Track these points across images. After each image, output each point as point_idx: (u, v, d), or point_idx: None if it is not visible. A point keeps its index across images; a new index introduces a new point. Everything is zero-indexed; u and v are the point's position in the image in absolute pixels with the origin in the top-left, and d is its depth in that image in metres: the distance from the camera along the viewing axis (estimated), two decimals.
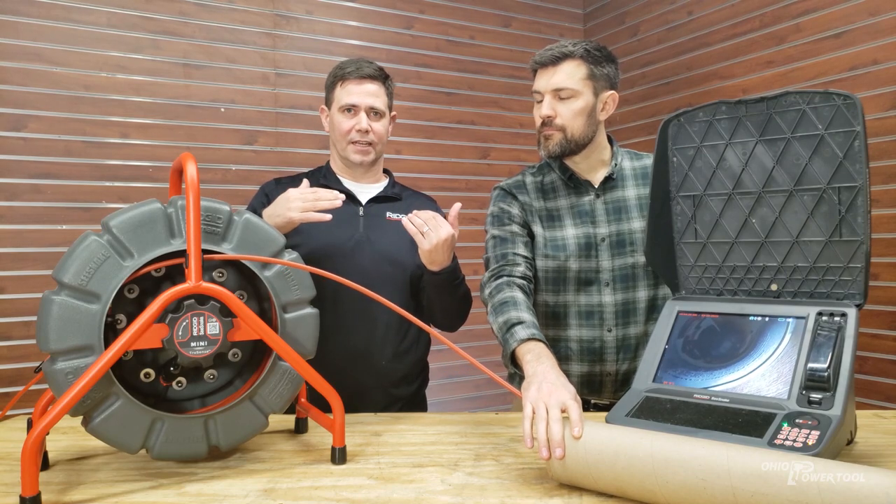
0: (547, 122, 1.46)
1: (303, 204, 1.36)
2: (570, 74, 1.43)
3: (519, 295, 1.34)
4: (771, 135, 1.17)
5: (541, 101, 1.48)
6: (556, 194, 1.53)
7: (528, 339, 1.20)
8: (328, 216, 1.37)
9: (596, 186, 1.52)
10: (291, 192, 1.40)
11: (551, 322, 1.53)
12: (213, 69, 2.66)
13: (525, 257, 1.47)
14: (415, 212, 1.41)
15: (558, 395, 1.01)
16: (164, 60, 2.57)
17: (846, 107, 1.08)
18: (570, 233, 1.49)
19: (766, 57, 2.56)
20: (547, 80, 1.45)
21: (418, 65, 3.08)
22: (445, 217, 1.41)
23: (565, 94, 1.43)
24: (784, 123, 1.15)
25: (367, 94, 1.58)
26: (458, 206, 1.44)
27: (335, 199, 1.38)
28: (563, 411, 0.98)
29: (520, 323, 1.25)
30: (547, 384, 1.04)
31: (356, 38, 2.95)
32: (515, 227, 1.50)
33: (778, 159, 1.17)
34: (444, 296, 1.54)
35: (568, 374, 1.48)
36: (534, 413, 1.00)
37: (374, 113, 1.59)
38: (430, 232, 1.38)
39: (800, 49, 2.44)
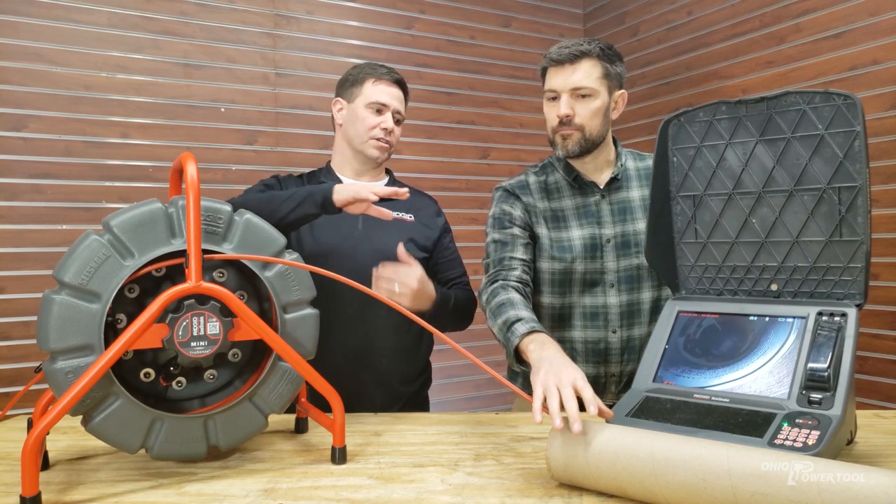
0: (565, 121, 1.44)
1: (370, 188, 1.32)
2: (588, 73, 1.42)
3: (515, 295, 1.34)
4: (771, 135, 1.17)
5: (553, 99, 1.46)
6: (560, 195, 1.52)
7: (530, 333, 1.20)
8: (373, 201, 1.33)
9: (601, 187, 1.51)
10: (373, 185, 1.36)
11: (556, 324, 1.52)
12: (214, 69, 2.66)
13: (522, 260, 1.46)
14: (376, 275, 1.36)
15: (568, 375, 1.00)
16: (165, 60, 2.57)
17: (846, 107, 1.08)
18: (576, 234, 1.49)
19: (766, 57, 2.56)
20: (565, 79, 1.43)
21: (418, 65, 3.08)
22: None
23: (584, 92, 1.42)
24: (784, 123, 1.15)
25: (395, 97, 1.61)
26: (401, 248, 1.41)
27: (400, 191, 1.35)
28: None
29: (518, 320, 1.24)
30: (555, 366, 1.04)
31: (356, 38, 2.95)
32: (516, 230, 1.49)
33: (778, 159, 1.17)
34: (443, 320, 1.53)
35: None
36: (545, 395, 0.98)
37: (396, 117, 1.62)
38: (401, 286, 1.35)
39: (800, 49, 2.44)
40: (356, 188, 1.33)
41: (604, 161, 1.52)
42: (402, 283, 1.36)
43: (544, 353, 1.11)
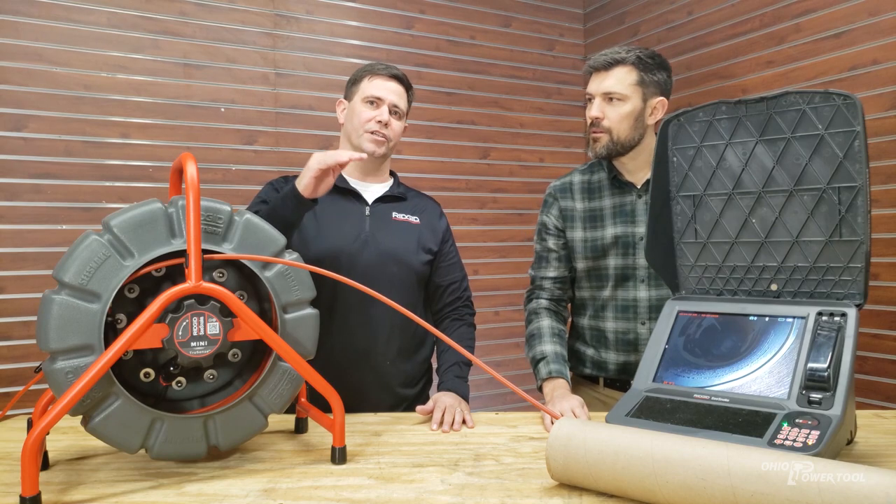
0: (595, 123, 1.54)
1: (322, 156, 1.32)
2: (621, 80, 1.51)
3: (544, 323, 1.59)
4: (771, 135, 1.17)
5: (590, 101, 1.55)
6: (601, 194, 1.62)
7: (547, 379, 1.48)
8: (346, 159, 1.32)
9: (639, 187, 1.58)
10: (324, 152, 1.35)
11: (592, 314, 1.64)
12: (214, 69, 2.66)
13: (553, 278, 1.65)
14: (434, 417, 1.35)
15: (570, 402, 1.34)
16: (165, 60, 2.57)
17: (846, 107, 1.08)
18: (610, 232, 1.58)
19: (766, 57, 2.56)
20: (598, 84, 1.53)
21: (418, 65, 3.08)
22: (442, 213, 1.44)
23: (615, 97, 1.51)
24: (784, 123, 1.15)
25: (392, 91, 1.60)
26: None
27: (354, 155, 1.32)
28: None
29: (542, 359, 1.52)
30: (559, 400, 1.37)
31: (356, 38, 2.95)
32: (550, 242, 1.65)
33: (778, 159, 1.17)
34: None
35: (605, 363, 1.62)
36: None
37: (394, 111, 1.60)
38: (455, 423, 1.34)
39: (800, 49, 2.44)
40: (310, 166, 1.32)
41: (645, 162, 1.58)
42: (457, 417, 1.35)
43: (555, 393, 1.41)
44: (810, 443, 0.94)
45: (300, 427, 1.28)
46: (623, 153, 1.55)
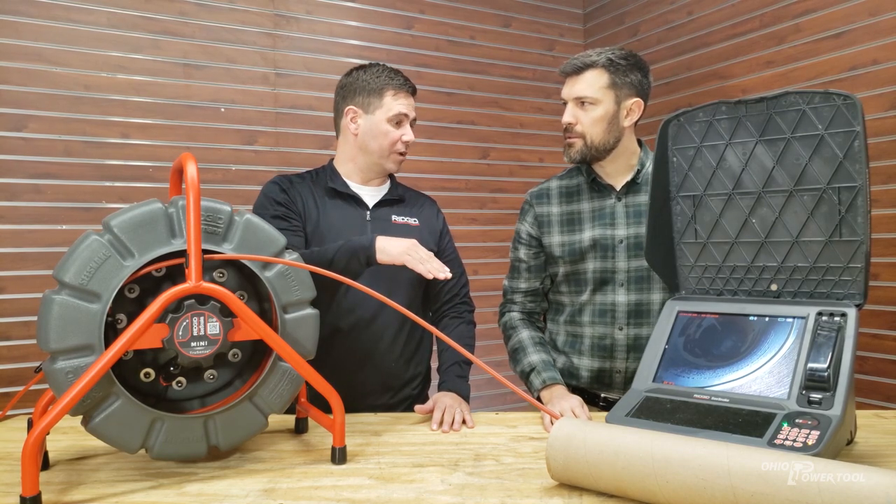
0: (568, 128, 1.52)
1: (416, 257, 1.35)
2: (591, 83, 1.49)
3: (524, 335, 1.58)
4: (771, 135, 1.17)
5: (565, 106, 1.54)
6: (579, 198, 1.59)
7: (542, 388, 1.46)
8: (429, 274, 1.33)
9: (618, 190, 1.56)
10: (418, 245, 1.38)
11: (568, 319, 1.60)
12: (213, 69, 2.66)
13: (524, 291, 1.64)
14: (434, 417, 1.35)
15: (569, 402, 1.35)
16: (165, 60, 2.57)
17: (846, 107, 1.08)
18: (587, 235, 1.55)
19: (766, 57, 2.56)
20: (570, 89, 1.52)
21: (418, 65, 3.08)
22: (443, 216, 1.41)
23: (586, 101, 1.49)
24: (784, 123, 1.15)
25: (412, 106, 1.61)
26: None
27: (440, 271, 1.34)
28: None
29: (532, 370, 1.51)
30: (559, 400, 1.37)
31: (356, 38, 2.95)
32: (521, 252, 1.63)
33: (778, 159, 1.17)
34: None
35: (578, 369, 1.58)
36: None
37: (412, 125, 1.61)
38: (455, 423, 1.34)
39: (800, 49, 2.44)
40: (400, 255, 1.35)
41: (625, 165, 1.56)
42: (456, 417, 1.35)
43: (554, 394, 1.41)
44: (810, 443, 0.94)
45: (300, 427, 1.28)
46: (599, 157, 1.53)
